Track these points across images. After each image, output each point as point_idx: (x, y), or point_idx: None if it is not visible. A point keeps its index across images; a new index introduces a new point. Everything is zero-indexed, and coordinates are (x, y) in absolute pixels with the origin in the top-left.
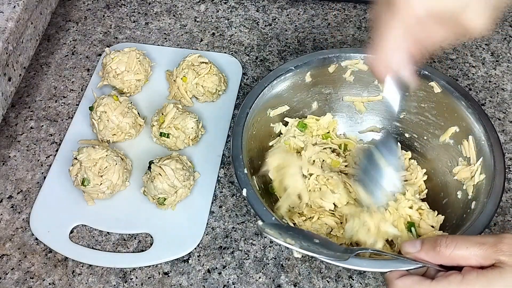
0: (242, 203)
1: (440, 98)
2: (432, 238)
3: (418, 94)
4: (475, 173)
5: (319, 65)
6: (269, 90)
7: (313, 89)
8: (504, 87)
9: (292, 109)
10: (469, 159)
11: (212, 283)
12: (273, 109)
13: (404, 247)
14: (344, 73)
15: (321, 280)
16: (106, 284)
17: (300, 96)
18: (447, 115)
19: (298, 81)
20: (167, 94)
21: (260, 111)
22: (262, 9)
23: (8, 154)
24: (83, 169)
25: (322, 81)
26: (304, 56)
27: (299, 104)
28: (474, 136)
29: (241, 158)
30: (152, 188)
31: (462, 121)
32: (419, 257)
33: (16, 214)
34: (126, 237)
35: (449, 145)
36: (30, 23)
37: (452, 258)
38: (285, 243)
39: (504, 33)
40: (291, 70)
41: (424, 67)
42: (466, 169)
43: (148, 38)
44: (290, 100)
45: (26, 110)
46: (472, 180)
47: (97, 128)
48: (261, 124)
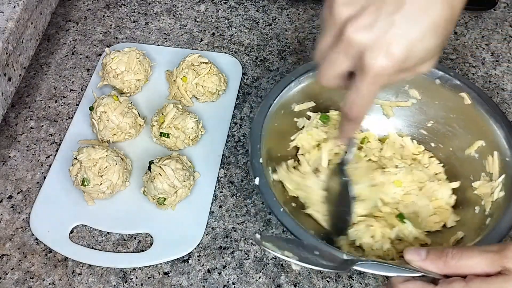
0: (242, 203)
1: (469, 110)
2: (438, 248)
3: (448, 104)
4: (495, 190)
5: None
6: (296, 85)
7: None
8: (504, 87)
9: (318, 106)
10: (491, 174)
11: (212, 283)
12: (298, 103)
13: (408, 254)
14: None
15: (321, 280)
16: (106, 284)
17: (328, 94)
18: (475, 128)
19: None
20: (167, 94)
21: (284, 104)
22: (262, 9)
23: (8, 154)
24: (83, 169)
25: None
26: None
27: (326, 101)
28: (499, 152)
29: (258, 148)
30: (152, 188)
31: (489, 135)
32: (423, 266)
33: (16, 214)
34: (126, 237)
35: (474, 159)
36: (30, 23)
37: (457, 267)
38: (283, 256)
39: (504, 33)
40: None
41: (457, 77)
42: (487, 185)
43: (148, 38)
44: (316, 96)
45: (26, 110)
46: (491, 196)
47: (97, 128)
48: (284, 117)
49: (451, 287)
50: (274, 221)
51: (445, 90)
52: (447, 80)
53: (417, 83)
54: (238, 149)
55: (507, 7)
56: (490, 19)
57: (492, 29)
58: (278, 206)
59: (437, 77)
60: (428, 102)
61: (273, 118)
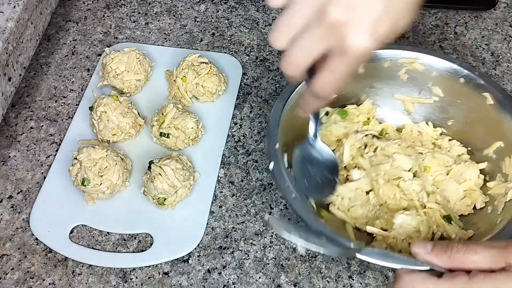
0: (242, 203)
1: (491, 110)
2: (443, 242)
3: (469, 103)
4: (509, 191)
5: (374, 57)
6: None
7: (365, 81)
8: (504, 87)
9: (339, 98)
10: (507, 176)
11: (212, 283)
12: None
13: (414, 247)
14: (398, 70)
15: (321, 280)
16: (106, 284)
17: (350, 86)
18: (495, 128)
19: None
20: (167, 94)
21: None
22: (262, 9)
23: (8, 154)
24: (83, 169)
25: (375, 75)
26: None
27: (347, 94)
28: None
29: (276, 133)
30: (152, 188)
31: (509, 136)
32: (429, 260)
33: (16, 214)
34: (126, 237)
35: (491, 159)
36: (30, 23)
37: (462, 262)
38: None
39: (504, 33)
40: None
41: (482, 76)
42: (502, 185)
43: (148, 38)
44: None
45: (26, 110)
46: (505, 197)
47: (97, 128)
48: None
49: (454, 281)
50: None
51: (469, 89)
52: (472, 79)
53: (441, 81)
54: (238, 149)
55: (507, 7)
56: (490, 19)
57: (492, 29)
58: (290, 192)
59: (461, 75)
60: (450, 101)
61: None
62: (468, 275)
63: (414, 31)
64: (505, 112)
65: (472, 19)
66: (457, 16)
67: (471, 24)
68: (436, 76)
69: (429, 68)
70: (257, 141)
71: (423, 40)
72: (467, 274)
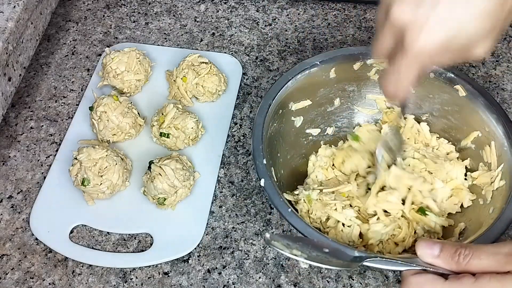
0: (242, 203)
1: (464, 101)
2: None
3: (443, 96)
4: (495, 179)
5: (344, 61)
6: (293, 84)
7: (337, 86)
8: (504, 87)
9: (314, 104)
10: (489, 164)
11: (212, 283)
12: (295, 102)
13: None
14: (368, 71)
15: (321, 280)
16: (106, 284)
17: (323, 92)
18: (470, 119)
19: (322, 76)
20: (167, 94)
21: (282, 103)
22: (262, 9)
23: (8, 154)
24: (83, 169)
25: (346, 78)
26: (329, 52)
27: (321, 99)
28: (496, 142)
29: (261, 149)
30: (152, 188)
31: (485, 126)
32: (435, 264)
33: (16, 214)
34: (126, 237)
35: (471, 150)
36: (30, 23)
37: (467, 267)
38: (291, 254)
39: (504, 33)
40: (316, 65)
41: (451, 70)
42: (486, 175)
43: (148, 38)
44: (313, 95)
45: (26, 110)
46: (491, 186)
47: (97, 128)
48: (282, 117)
49: (461, 283)
50: (274, 221)
51: (440, 83)
52: (441, 74)
53: None
54: (238, 149)
55: None
56: None
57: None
58: (286, 207)
59: (431, 70)
60: (422, 96)
61: (273, 118)
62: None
63: None
64: (478, 102)
65: None
66: None
67: None
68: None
69: None
70: None
71: None
72: (473, 276)
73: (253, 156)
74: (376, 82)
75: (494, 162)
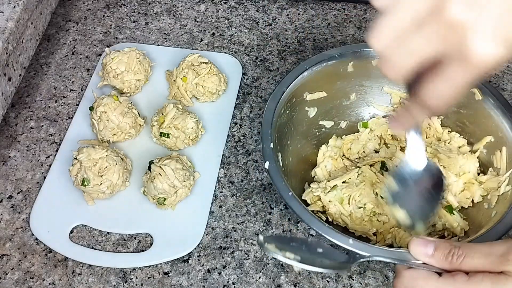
0: (242, 203)
1: (480, 105)
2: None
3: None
4: (501, 184)
5: (363, 56)
6: (309, 74)
7: (354, 80)
8: (504, 87)
9: (329, 96)
10: (498, 169)
11: (212, 283)
12: (310, 93)
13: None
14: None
15: (321, 280)
16: (106, 284)
17: (340, 85)
18: (484, 123)
19: (340, 69)
20: (167, 94)
21: (296, 92)
22: (262, 9)
23: (8, 154)
24: (83, 169)
25: (364, 73)
26: (348, 46)
27: (337, 92)
28: (508, 148)
29: (269, 132)
30: (152, 188)
31: (498, 131)
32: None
33: (16, 214)
34: (126, 237)
35: (482, 154)
36: (30, 23)
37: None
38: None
39: None
40: (334, 57)
41: None
42: (494, 179)
43: (148, 38)
44: (329, 87)
45: (26, 110)
46: (497, 190)
47: (97, 128)
48: (296, 105)
49: (454, 280)
50: (274, 221)
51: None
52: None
53: None
54: (238, 149)
55: None
56: None
57: None
58: (287, 190)
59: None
60: None
61: (285, 105)
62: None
63: None
64: (493, 106)
65: None
66: None
67: None
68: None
69: None
70: (257, 141)
71: None
72: (466, 275)
73: (261, 139)
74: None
75: (503, 168)
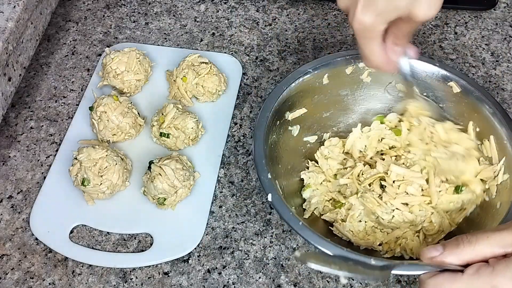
0: (242, 203)
1: (459, 98)
2: (452, 239)
3: (437, 94)
4: (498, 173)
5: (336, 66)
6: (288, 93)
7: (331, 91)
8: (504, 87)
9: (309, 111)
10: (490, 158)
11: (212, 283)
12: (291, 112)
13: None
14: (361, 74)
15: (321, 280)
16: (106, 284)
17: (317, 99)
18: (466, 115)
19: (316, 83)
20: (167, 94)
21: (278, 114)
22: (262, 9)
23: (8, 154)
24: (83, 169)
25: (339, 83)
26: (321, 58)
27: (316, 106)
28: (495, 136)
29: (263, 163)
30: (152, 188)
31: (482, 121)
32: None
33: (16, 214)
34: (126, 237)
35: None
36: (30, 23)
37: (476, 251)
38: (332, 270)
39: (504, 33)
40: (309, 72)
41: (443, 67)
42: (489, 169)
43: (148, 38)
44: (308, 102)
45: (26, 110)
46: (495, 180)
47: (97, 128)
48: (279, 127)
49: (479, 273)
50: (274, 221)
51: (432, 80)
52: (434, 72)
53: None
54: (238, 149)
55: (507, 7)
56: (490, 19)
57: (492, 29)
58: (297, 220)
59: (423, 70)
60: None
61: (271, 130)
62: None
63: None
64: (473, 97)
65: (472, 19)
66: (457, 16)
67: (471, 24)
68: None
69: None
70: None
71: (423, 40)
72: (489, 266)
73: (257, 171)
74: (369, 84)
75: (495, 156)
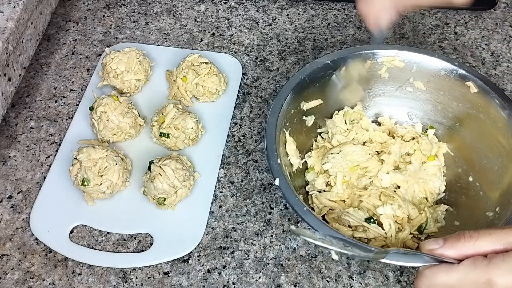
0: (242, 203)
1: (476, 98)
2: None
3: (454, 94)
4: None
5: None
6: (304, 83)
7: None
8: (504, 87)
9: (325, 103)
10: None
11: (212, 283)
12: (306, 102)
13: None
14: (379, 69)
15: (321, 280)
16: (106, 284)
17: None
18: (482, 115)
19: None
20: (167, 94)
21: (293, 103)
22: (262, 9)
23: (8, 154)
24: (83, 169)
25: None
26: (340, 51)
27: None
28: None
29: (274, 148)
30: (152, 188)
31: (498, 122)
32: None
33: (16, 214)
34: (126, 237)
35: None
36: (30, 23)
37: (477, 247)
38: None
39: (504, 33)
40: (327, 64)
41: (462, 66)
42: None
43: (148, 38)
44: (324, 94)
45: (26, 110)
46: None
47: (97, 128)
48: (293, 116)
49: (475, 264)
50: (274, 221)
51: (450, 80)
52: (452, 71)
53: (422, 75)
54: (238, 149)
55: (507, 7)
56: (490, 19)
57: (492, 29)
58: (301, 205)
59: (441, 68)
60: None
61: (284, 117)
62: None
63: (414, 31)
64: (489, 98)
65: (472, 19)
66: (457, 16)
67: (471, 24)
68: (416, 71)
69: (409, 64)
70: (257, 141)
71: (423, 40)
72: (486, 258)
73: (267, 156)
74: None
75: None
